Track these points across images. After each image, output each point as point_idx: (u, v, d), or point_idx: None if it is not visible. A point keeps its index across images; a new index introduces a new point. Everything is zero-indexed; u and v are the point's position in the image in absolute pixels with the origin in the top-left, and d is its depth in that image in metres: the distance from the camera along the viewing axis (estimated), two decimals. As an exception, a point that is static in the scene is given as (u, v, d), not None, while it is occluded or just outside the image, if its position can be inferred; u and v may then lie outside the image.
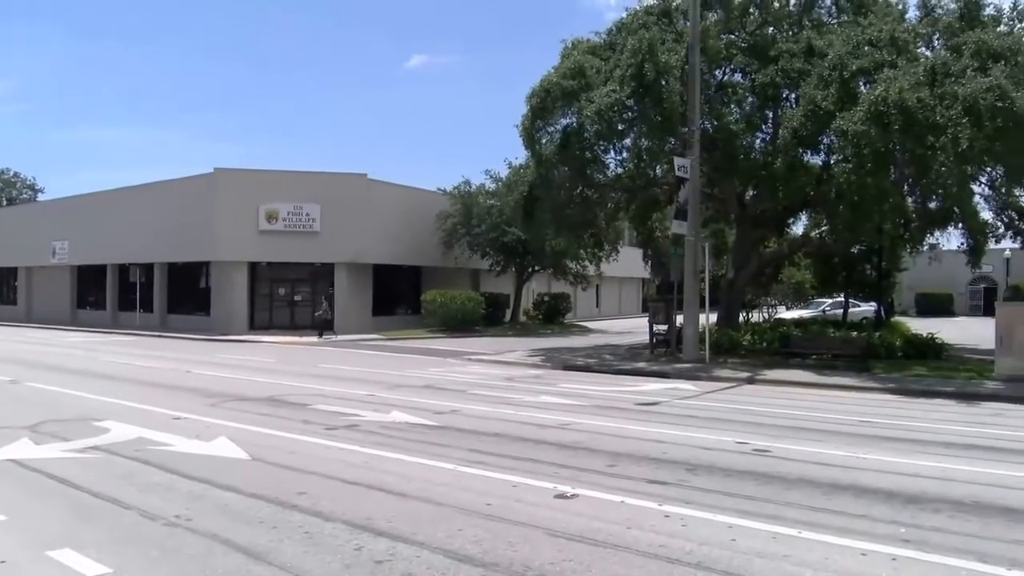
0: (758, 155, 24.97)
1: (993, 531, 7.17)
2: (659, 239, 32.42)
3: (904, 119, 18.29)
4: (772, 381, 19.39)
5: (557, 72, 24.73)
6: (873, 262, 28.01)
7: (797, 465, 9.84)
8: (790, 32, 24.90)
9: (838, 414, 14.42)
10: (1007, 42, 20.02)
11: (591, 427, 12.58)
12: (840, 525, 7.26)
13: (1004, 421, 13.96)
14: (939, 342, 24.07)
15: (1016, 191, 23.30)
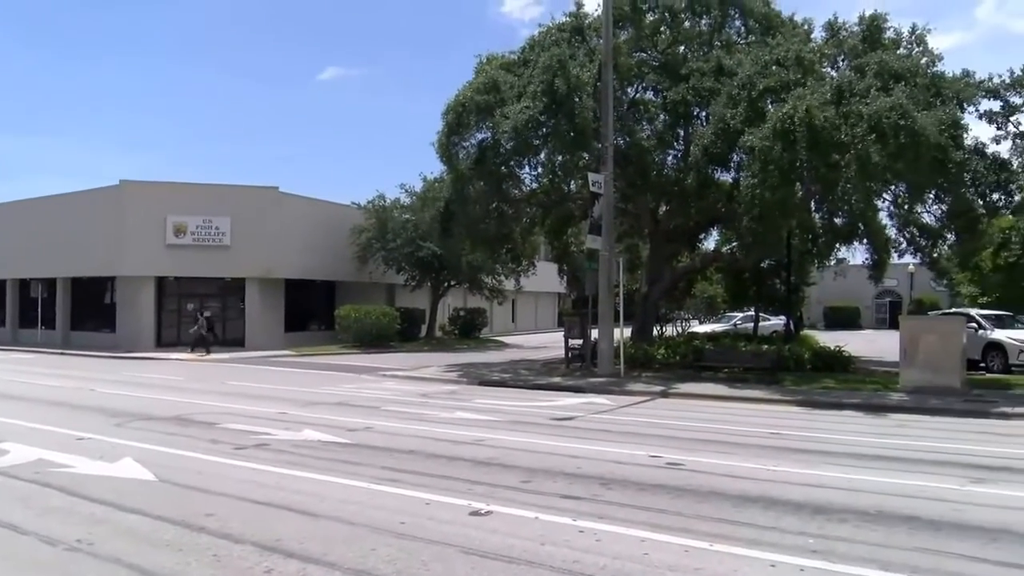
0: (670, 171, 25.39)
1: (897, 539, 7.30)
2: (574, 254, 32.66)
3: (810, 137, 18.79)
4: (685, 395, 19.61)
5: (471, 87, 24.73)
6: (782, 276, 28.67)
7: (709, 478, 9.91)
8: (700, 51, 25.42)
9: (749, 427, 14.62)
10: (907, 64, 20.81)
11: (506, 443, 12.50)
12: (750, 537, 7.31)
13: (908, 432, 14.34)
14: (846, 355, 24.74)
15: (918, 208, 24.13)
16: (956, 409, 16.68)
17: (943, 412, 16.48)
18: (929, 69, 21.51)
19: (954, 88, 21.04)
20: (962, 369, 19.25)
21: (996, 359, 24.26)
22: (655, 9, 25.51)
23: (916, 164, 19.18)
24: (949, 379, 18.69)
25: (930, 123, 18.59)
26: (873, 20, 22.67)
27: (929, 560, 6.73)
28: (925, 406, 17.03)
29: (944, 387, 18.48)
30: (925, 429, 14.60)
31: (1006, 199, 22.20)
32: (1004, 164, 21.63)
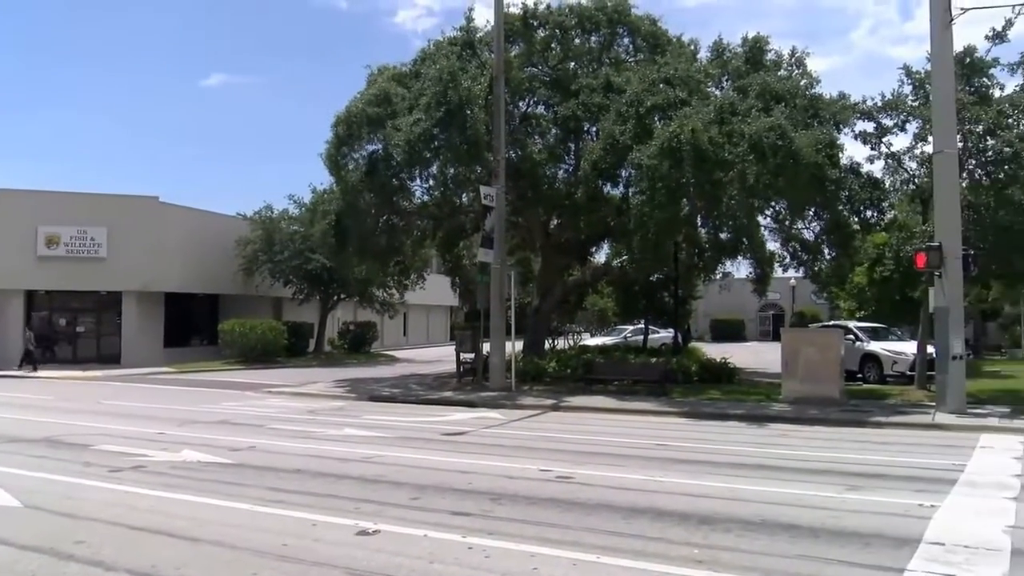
0: (561, 185, 25.61)
1: (778, 547, 7.43)
2: (466, 267, 32.59)
3: (696, 154, 19.24)
4: (576, 408, 19.72)
5: (363, 98, 24.41)
6: (671, 290, 29.25)
7: (598, 490, 9.94)
8: (590, 68, 25.77)
9: (638, 438, 14.77)
10: (787, 85, 21.59)
11: (395, 459, 12.29)
12: (638, 548, 7.34)
13: (789, 441, 14.74)
14: (732, 366, 25.40)
15: (798, 224, 24.98)
16: (834, 418, 17.25)
17: (822, 422, 17.02)
18: (808, 91, 22.32)
19: (831, 110, 21.91)
20: (840, 380, 19.96)
21: (872, 370, 25.35)
22: (545, 25, 25.75)
23: (795, 182, 19.86)
24: (828, 389, 19.35)
25: (808, 143, 19.30)
26: (756, 42, 23.45)
27: (809, 566, 6.87)
28: (805, 416, 17.56)
29: (823, 397, 19.12)
30: (805, 438, 15.04)
31: (879, 216, 23.25)
32: (877, 183, 22.63)
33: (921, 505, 9.03)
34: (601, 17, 25.38)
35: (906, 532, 7.85)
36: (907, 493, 9.75)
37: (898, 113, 21.39)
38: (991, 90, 20.57)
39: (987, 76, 20.57)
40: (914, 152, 21.65)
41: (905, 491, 9.89)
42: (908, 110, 21.22)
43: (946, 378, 17.46)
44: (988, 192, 20.09)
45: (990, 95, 20.45)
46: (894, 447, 13.84)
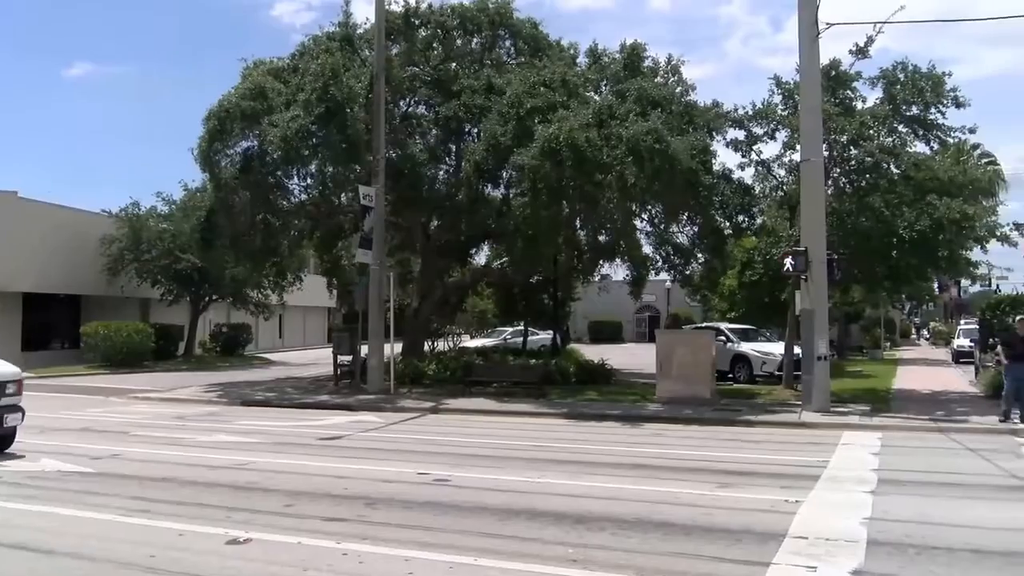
0: (442, 186, 25.47)
1: (651, 545, 7.53)
2: (345, 267, 31.93)
3: (575, 157, 19.43)
4: (455, 410, 19.62)
5: (237, 92, 23.59)
6: (550, 292, 29.50)
7: (475, 493, 9.92)
8: (472, 69, 25.71)
9: (517, 440, 14.79)
10: (663, 92, 22.07)
11: (269, 466, 11.93)
12: (513, 550, 7.35)
13: (663, 440, 15.06)
14: (609, 368, 25.79)
15: (673, 228, 25.58)
16: (707, 418, 17.73)
17: (695, 421, 17.45)
18: (683, 98, 22.88)
19: (705, 117, 22.53)
20: (712, 380, 20.56)
21: (742, 370, 26.25)
22: (427, 24, 25.56)
23: (671, 186, 20.33)
24: (700, 389, 19.88)
25: (683, 148, 19.77)
26: (633, 49, 23.89)
27: (681, 563, 7.00)
28: (679, 416, 17.97)
29: (696, 397, 19.62)
30: (679, 438, 15.39)
31: (749, 221, 24.07)
32: (748, 189, 23.44)
33: (787, 501, 9.34)
34: (483, 19, 25.39)
35: (773, 527, 8.09)
36: (774, 489, 10.07)
37: (768, 122, 22.21)
38: (854, 102, 21.58)
39: (851, 89, 21.60)
40: (783, 160, 22.55)
41: (773, 487, 10.22)
42: (778, 119, 22.06)
43: (811, 378, 18.19)
44: (851, 200, 21.07)
45: (853, 107, 21.45)
46: (763, 445, 14.33)
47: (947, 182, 20.32)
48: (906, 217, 19.52)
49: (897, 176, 20.71)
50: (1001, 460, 12.34)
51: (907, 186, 20.34)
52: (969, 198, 21.30)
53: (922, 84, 20.38)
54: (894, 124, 20.91)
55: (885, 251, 20.27)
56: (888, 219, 19.72)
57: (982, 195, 27.88)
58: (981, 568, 6.93)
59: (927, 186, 20.12)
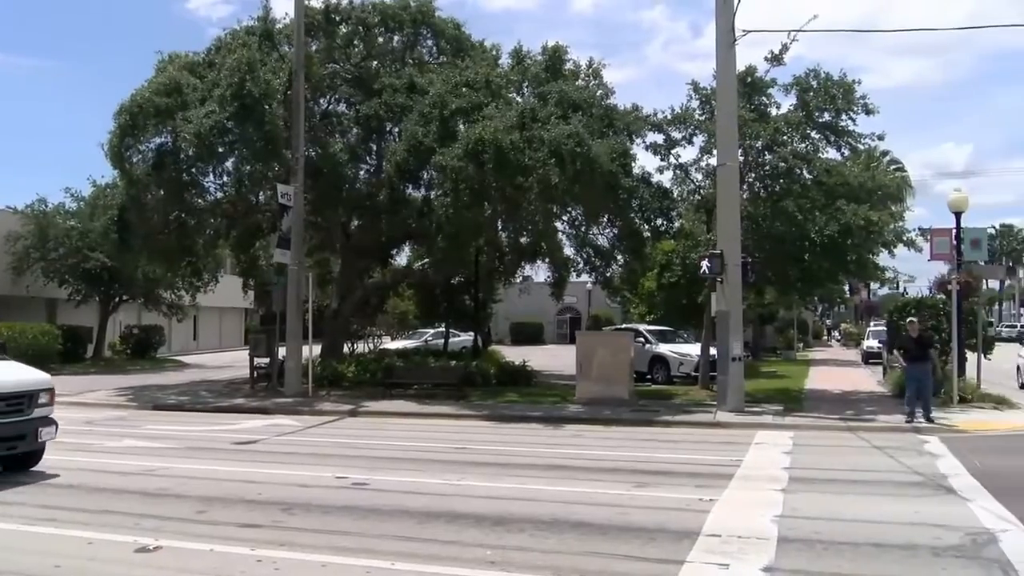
0: (363, 186, 25.20)
1: (568, 545, 7.59)
2: (262, 268, 31.28)
3: (498, 159, 19.44)
4: (375, 413, 19.42)
5: (151, 87, 22.89)
6: (471, 293, 29.46)
7: (394, 496, 9.84)
8: (393, 68, 25.50)
9: (437, 442, 14.74)
10: (584, 95, 22.25)
11: (180, 471, 11.65)
12: (432, 553, 7.35)
13: (582, 441, 15.18)
14: (530, 369, 25.90)
15: (593, 230, 25.82)
16: (625, 418, 17.94)
17: (614, 422, 17.63)
18: (604, 101, 23.12)
19: (625, 120, 22.82)
20: (630, 381, 20.83)
21: (660, 371, 26.65)
22: (348, 21, 25.26)
23: (591, 189, 20.53)
24: (619, 390, 20.10)
25: (603, 151, 19.99)
26: (555, 52, 24.03)
27: (597, 562, 7.07)
28: (598, 416, 18.13)
29: (615, 398, 19.83)
30: (598, 438, 15.53)
31: (668, 224, 24.47)
32: (666, 192, 23.82)
33: (701, 500, 9.51)
34: (405, 17, 25.23)
35: (687, 525, 8.23)
36: (689, 488, 10.25)
37: (686, 126, 22.62)
38: (769, 108, 22.20)
39: (766, 95, 22.17)
40: (700, 164, 23.03)
41: (688, 486, 10.40)
42: (695, 124, 22.48)
43: (727, 379, 18.57)
44: (765, 204, 21.61)
45: (768, 113, 22.04)
46: (679, 445, 14.58)
47: (857, 188, 21.03)
48: (817, 222, 20.12)
49: (809, 181, 21.30)
50: (904, 457, 12.79)
51: (819, 191, 20.95)
52: (878, 203, 22.09)
53: (834, 91, 21.03)
54: (807, 130, 21.53)
55: (798, 254, 20.86)
56: (801, 223, 20.28)
57: (890, 201, 28.96)
58: (883, 561, 7.18)
59: (838, 191, 20.77)
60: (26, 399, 10.82)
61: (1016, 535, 7.93)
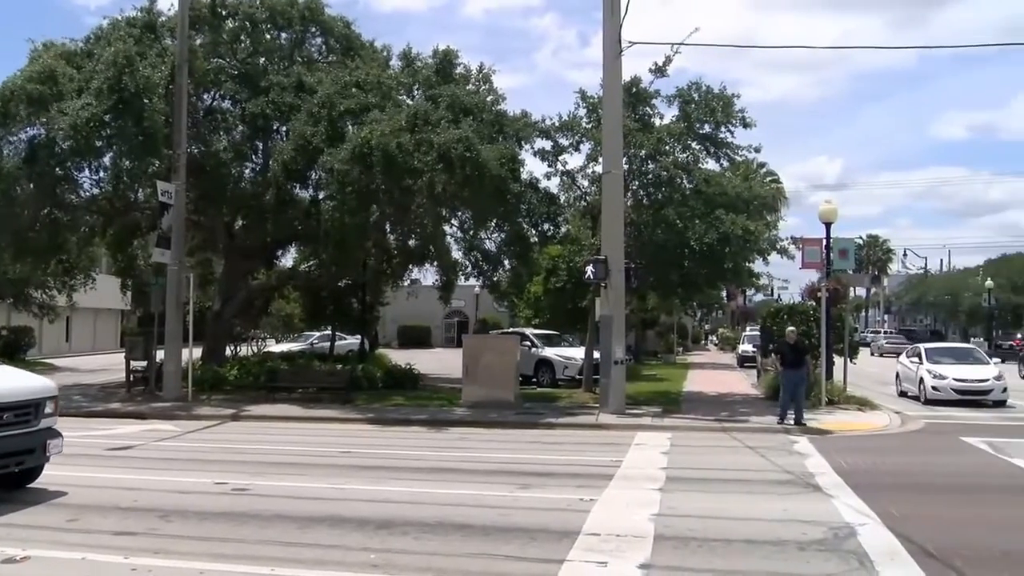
0: (248, 185, 24.63)
1: (452, 547, 7.71)
2: (140, 267, 30.20)
3: (386, 161, 19.36)
4: (258, 417, 19.07)
5: (24, 75, 21.76)
6: (358, 296, 29.19)
7: (276, 501, 9.73)
8: (281, 65, 25.00)
9: (321, 446, 14.63)
10: (475, 99, 22.35)
11: (51, 478, 10.98)
12: (314, 557, 7.34)
13: (468, 444, 15.33)
14: (416, 372, 25.85)
15: (481, 234, 25.95)
16: (510, 421, 18.19)
17: (499, 424, 17.84)
18: (494, 106, 23.25)
19: (514, 126, 23.02)
20: (516, 384, 21.04)
21: (546, 374, 27.00)
22: (235, 16, 24.67)
23: (480, 193, 20.67)
24: (505, 393, 20.28)
25: (493, 156, 20.15)
26: (446, 55, 24.07)
27: (479, 563, 7.22)
28: (484, 419, 18.30)
29: (501, 401, 20.00)
30: (483, 441, 15.72)
31: (555, 230, 24.87)
32: (553, 198, 24.18)
33: (582, 499, 9.76)
34: (293, 13, 24.79)
35: (568, 525, 8.45)
36: (571, 489, 10.50)
37: (573, 134, 23.03)
38: (653, 119, 22.78)
39: (650, 106, 22.77)
40: (586, 171, 23.45)
41: (569, 487, 10.65)
42: (582, 132, 22.92)
43: (609, 381, 19.03)
44: (648, 212, 22.22)
45: (652, 123, 22.62)
46: (562, 446, 14.87)
47: (735, 198, 21.88)
48: (697, 230, 20.82)
49: (690, 190, 22.00)
50: (775, 457, 13.43)
51: (699, 200, 21.66)
52: (754, 213, 23.00)
53: (714, 104, 21.80)
54: (688, 141, 22.21)
55: (678, 261, 21.55)
56: (681, 231, 20.95)
57: (766, 210, 30.11)
58: (753, 556, 7.57)
59: (717, 201, 21.55)
60: (33, 408, 9.72)
61: (873, 529, 8.48)
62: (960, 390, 21.78)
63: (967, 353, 24.96)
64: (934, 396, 22.02)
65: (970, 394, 21.81)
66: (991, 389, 21.94)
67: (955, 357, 23.83)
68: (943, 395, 21.90)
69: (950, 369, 22.54)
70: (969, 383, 21.90)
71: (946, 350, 26.01)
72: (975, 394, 21.86)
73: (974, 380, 22.00)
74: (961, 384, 21.86)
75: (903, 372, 25.05)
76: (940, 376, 22.25)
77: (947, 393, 21.87)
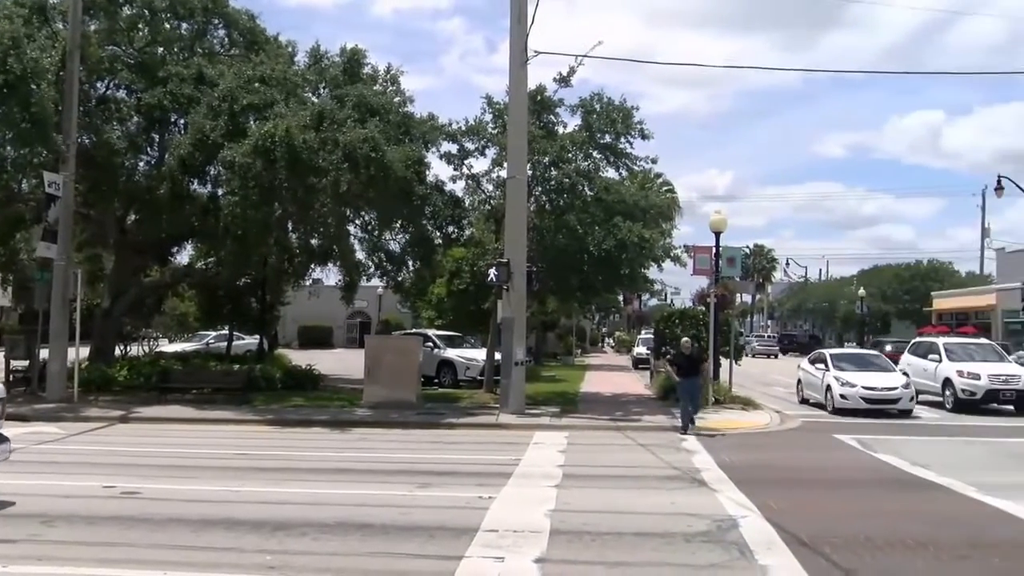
0: (142, 178, 23.80)
1: (351, 546, 7.71)
2: (23, 262, 28.85)
3: (290, 157, 19.04)
4: (149, 418, 18.48)
5: None
6: (257, 295, 28.61)
7: (168, 504, 9.52)
8: (181, 56, 24.28)
9: (217, 448, 14.34)
10: (382, 100, 22.20)
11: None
12: (208, 560, 7.23)
13: (368, 444, 15.28)
14: (317, 373, 25.51)
15: (386, 235, 25.80)
16: (412, 421, 18.18)
17: (400, 425, 17.83)
18: (401, 108, 23.18)
19: (421, 128, 23.00)
20: (418, 384, 21.08)
21: (448, 375, 27.08)
22: (132, 3, 23.84)
23: (385, 194, 20.59)
24: (406, 394, 20.27)
25: (398, 158, 20.10)
26: (354, 54, 23.82)
27: (378, 562, 7.25)
28: (385, 420, 18.26)
29: (402, 401, 19.97)
30: (384, 441, 15.69)
31: (459, 232, 25.00)
32: (458, 201, 24.28)
33: (481, 498, 9.89)
34: (195, 4, 24.00)
35: (467, 522, 8.57)
36: (470, 487, 10.62)
37: (479, 139, 23.19)
38: (556, 127, 23.16)
39: (554, 114, 23.15)
40: (491, 176, 23.63)
41: (469, 486, 10.77)
42: (488, 137, 23.10)
43: (509, 382, 19.26)
44: (550, 217, 22.54)
45: (556, 131, 23.00)
46: (463, 446, 15.02)
47: (632, 206, 22.44)
48: (596, 236, 21.29)
49: (590, 198, 22.43)
50: (665, 454, 13.90)
51: (598, 208, 22.14)
52: (650, 221, 23.65)
53: (614, 116, 22.30)
54: (590, 150, 22.68)
55: (578, 266, 22.00)
56: (581, 237, 21.38)
57: (662, 219, 30.89)
58: (643, 548, 7.86)
59: (615, 208, 22.06)
60: None
61: (753, 521, 8.91)
62: (869, 399, 20.64)
63: (871, 359, 23.81)
64: (843, 405, 20.83)
65: (879, 403, 20.67)
66: (899, 398, 20.77)
67: (860, 364, 22.73)
68: (851, 403, 20.69)
69: (858, 376, 21.32)
70: (879, 391, 20.76)
71: (851, 356, 24.96)
72: (884, 403, 20.72)
73: (883, 388, 20.85)
74: (870, 392, 20.67)
75: (806, 379, 23.80)
76: (849, 384, 21.02)
77: (856, 402, 20.69)
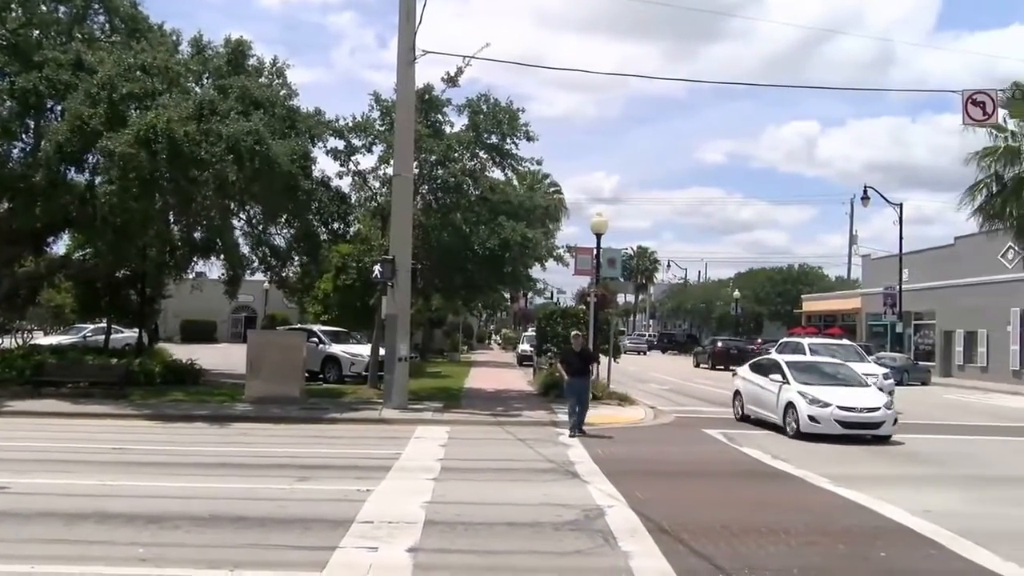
0: (16, 166, 22.98)
1: (225, 539, 7.92)
2: None
3: (171, 149, 18.74)
4: (21, 412, 17.95)
5: None
6: (137, 288, 27.94)
7: (39, 499, 9.47)
8: (58, 40, 23.49)
9: (92, 443, 14.10)
10: (267, 93, 22.02)
11: None
12: (78, 554, 7.29)
13: (250, 439, 15.28)
14: (198, 368, 25.11)
15: (271, 229, 25.59)
16: (294, 416, 18.22)
17: (283, 420, 17.82)
18: (287, 101, 23.04)
19: (307, 123, 22.93)
20: (301, 379, 21.11)
21: (333, 370, 27.08)
22: (6, -15, 22.99)
23: (270, 188, 20.48)
24: (290, 389, 20.29)
25: (284, 152, 20.03)
26: (239, 45, 23.48)
27: (253, 554, 7.48)
28: (267, 415, 18.24)
29: (285, 396, 19.97)
30: (265, 436, 15.71)
31: (345, 228, 25.03)
32: (344, 197, 24.31)
33: (359, 490, 10.19)
34: (75, -13, 23.42)
35: (343, 515, 8.85)
36: (349, 480, 10.93)
37: (366, 135, 23.29)
38: (444, 126, 23.42)
39: (441, 113, 23.40)
40: (378, 173, 23.73)
41: (348, 479, 11.07)
42: (375, 134, 23.22)
43: (392, 378, 19.55)
44: (436, 215, 22.88)
45: (443, 130, 23.26)
46: (344, 440, 15.24)
47: (517, 206, 23.04)
48: (481, 235, 21.79)
49: (476, 197, 22.88)
50: (541, 447, 14.45)
51: (484, 207, 22.63)
52: (535, 222, 24.29)
53: (501, 117, 22.74)
54: (476, 150, 23.05)
55: (462, 264, 22.45)
56: (466, 235, 21.85)
57: (548, 219, 31.73)
58: (513, 537, 8.34)
59: (501, 208, 22.60)
60: None
61: (619, 510, 9.52)
62: (847, 422, 16.26)
63: (835, 370, 18.95)
64: (812, 429, 16.26)
65: (859, 427, 16.38)
66: (882, 421, 16.47)
67: (823, 375, 18.22)
68: (823, 428, 16.23)
69: (830, 393, 16.82)
70: (858, 413, 16.39)
71: (811, 365, 19.51)
72: (864, 427, 16.46)
73: (863, 409, 16.49)
74: (847, 415, 16.27)
75: (749, 391, 19.29)
76: (820, 403, 16.45)
77: (829, 426, 16.21)
